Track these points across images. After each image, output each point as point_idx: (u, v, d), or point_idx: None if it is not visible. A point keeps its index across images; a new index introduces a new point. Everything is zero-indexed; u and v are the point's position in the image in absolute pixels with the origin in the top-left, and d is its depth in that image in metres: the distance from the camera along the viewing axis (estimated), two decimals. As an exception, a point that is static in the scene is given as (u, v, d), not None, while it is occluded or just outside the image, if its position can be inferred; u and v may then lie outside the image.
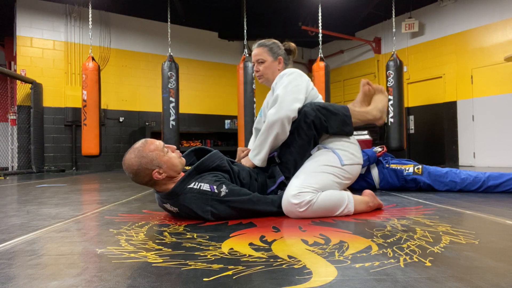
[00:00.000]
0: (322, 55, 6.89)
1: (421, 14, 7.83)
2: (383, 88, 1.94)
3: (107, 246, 1.18)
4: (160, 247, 1.15)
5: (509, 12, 6.42)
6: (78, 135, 7.19)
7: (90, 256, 1.07)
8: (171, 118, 6.38)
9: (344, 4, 7.37)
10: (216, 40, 8.99)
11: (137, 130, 8.08)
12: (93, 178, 4.97)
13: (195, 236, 1.30)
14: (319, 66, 6.85)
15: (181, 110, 6.93)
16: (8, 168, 7.11)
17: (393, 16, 7.00)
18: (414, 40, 8.02)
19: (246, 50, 6.42)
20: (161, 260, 1.01)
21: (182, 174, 1.66)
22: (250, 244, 1.17)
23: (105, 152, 7.57)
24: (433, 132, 7.71)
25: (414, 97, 8.11)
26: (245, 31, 6.81)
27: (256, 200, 1.63)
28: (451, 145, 7.31)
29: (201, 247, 1.14)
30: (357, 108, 1.94)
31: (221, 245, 1.16)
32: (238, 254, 1.06)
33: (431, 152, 7.76)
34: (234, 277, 0.86)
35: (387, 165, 2.71)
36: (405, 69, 7.80)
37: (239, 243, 1.19)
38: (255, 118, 2.42)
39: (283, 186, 1.76)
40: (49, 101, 7.21)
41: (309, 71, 10.54)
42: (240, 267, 0.93)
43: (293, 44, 2.17)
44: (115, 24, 7.98)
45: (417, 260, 0.97)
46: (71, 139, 7.39)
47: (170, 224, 1.55)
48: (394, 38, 7.14)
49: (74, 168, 7.35)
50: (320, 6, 6.75)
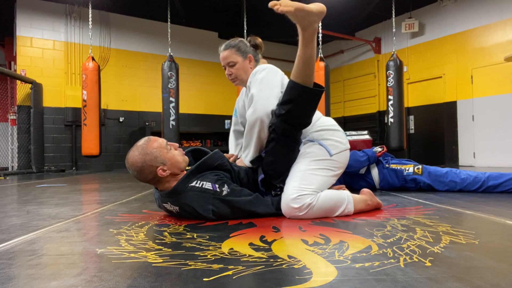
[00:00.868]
0: (322, 55, 6.89)
1: (421, 14, 7.83)
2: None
3: (107, 246, 1.18)
4: (160, 247, 1.15)
5: (509, 12, 6.42)
6: (78, 135, 7.19)
7: (90, 256, 1.07)
8: (171, 118, 6.39)
9: (344, 4, 7.37)
10: (216, 40, 8.98)
11: (137, 130, 8.07)
12: (93, 178, 4.97)
13: (195, 236, 1.30)
14: (319, 66, 6.84)
15: (181, 110, 6.93)
16: (8, 168, 7.11)
17: (393, 16, 7.00)
18: (414, 40, 8.02)
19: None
20: (161, 260, 1.01)
21: (184, 173, 1.66)
22: (250, 244, 1.17)
23: (105, 152, 7.57)
24: (433, 132, 7.71)
25: (414, 97, 8.11)
26: (245, 31, 6.81)
27: (256, 202, 1.63)
28: (451, 145, 7.31)
29: (201, 247, 1.14)
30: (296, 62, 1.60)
31: (221, 245, 1.16)
32: (238, 254, 1.06)
33: (431, 152, 7.76)
34: (234, 277, 0.86)
35: (387, 165, 2.71)
36: (405, 69, 7.80)
37: (239, 243, 1.19)
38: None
39: (276, 189, 1.75)
40: (49, 101, 7.21)
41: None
42: (240, 267, 0.93)
43: (259, 39, 2.08)
44: (115, 24, 7.98)
45: (417, 260, 0.97)
46: (71, 139, 7.39)
47: (170, 224, 1.55)
48: (394, 38, 7.14)
49: (74, 168, 7.35)
50: (320, 6, 6.74)
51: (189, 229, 1.43)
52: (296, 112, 1.61)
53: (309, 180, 1.64)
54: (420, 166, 2.65)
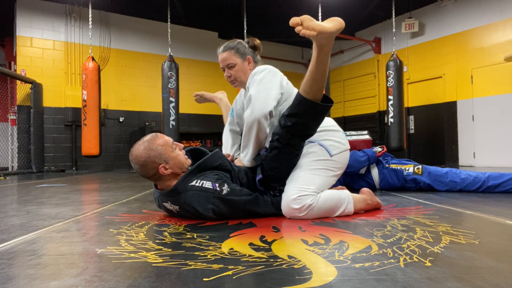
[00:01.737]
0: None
1: (421, 14, 7.83)
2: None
3: (107, 246, 1.18)
4: (160, 247, 1.15)
5: (509, 12, 6.42)
6: (78, 135, 7.19)
7: (90, 256, 1.07)
8: (171, 118, 6.39)
9: (344, 4, 7.37)
10: (216, 40, 8.98)
11: (137, 130, 8.07)
12: (93, 178, 4.97)
13: (195, 236, 1.30)
14: (319, 66, 6.84)
15: (181, 110, 6.93)
16: (8, 168, 7.11)
17: (393, 16, 7.00)
18: (414, 40, 8.02)
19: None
20: (161, 260, 1.01)
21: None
22: (250, 244, 1.17)
23: (105, 152, 7.57)
24: (433, 132, 7.71)
25: (414, 97, 8.11)
26: (245, 31, 6.81)
27: (256, 202, 1.64)
28: (451, 145, 7.31)
29: (201, 247, 1.14)
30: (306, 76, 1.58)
31: (221, 245, 1.16)
32: (238, 254, 1.06)
33: (431, 152, 7.76)
34: (234, 277, 0.86)
35: (387, 165, 2.71)
36: (405, 69, 7.80)
37: (239, 243, 1.19)
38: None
39: (276, 190, 1.75)
40: (49, 101, 7.21)
41: (309, 71, 10.55)
42: (240, 267, 0.93)
43: (257, 40, 2.07)
44: (115, 24, 7.98)
45: (417, 260, 0.97)
46: (71, 139, 7.39)
47: (170, 224, 1.55)
48: (394, 38, 7.14)
49: (74, 168, 7.35)
50: (320, 6, 6.75)
51: (189, 229, 1.43)
52: (302, 126, 1.60)
53: (310, 181, 1.64)
54: (420, 166, 2.65)
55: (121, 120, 7.93)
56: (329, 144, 1.76)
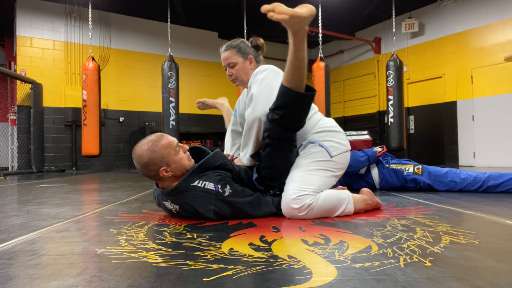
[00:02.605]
0: (322, 55, 6.89)
1: (421, 14, 7.83)
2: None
3: (107, 246, 1.18)
4: (160, 247, 1.15)
5: (509, 12, 6.42)
6: (78, 135, 7.19)
7: (90, 256, 1.07)
8: (171, 118, 6.39)
9: (344, 4, 7.37)
10: (216, 40, 8.98)
11: (137, 130, 8.07)
12: (93, 178, 4.97)
13: (195, 236, 1.30)
14: (319, 66, 6.86)
15: (181, 110, 6.93)
16: (8, 168, 7.11)
17: (393, 16, 7.00)
18: (414, 40, 8.02)
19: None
20: (161, 260, 1.01)
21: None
22: (250, 244, 1.17)
23: (105, 152, 7.57)
24: (433, 132, 7.71)
25: (414, 97, 8.11)
26: (245, 31, 6.81)
27: (257, 202, 1.64)
28: (451, 145, 7.31)
29: (201, 247, 1.14)
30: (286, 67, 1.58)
31: (221, 245, 1.16)
32: (238, 254, 1.06)
33: (431, 152, 7.76)
34: (234, 277, 0.86)
35: (387, 165, 2.71)
36: (405, 69, 7.80)
37: (239, 243, 1.19)
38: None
39: (275, 188, 1.75)
40: (49, 101, 7.21)
41: (309, 71, 10.54)
42: (240, 267, 0.93)
43: (261, 39, 2.07)
44: (115, 24, 7.98)
45: (417, 260, 0.97)
46: (71, 139, 7.39)
47: (170, 224, 1.55)
48: (394, 38, 7.14)
49: (74, 168, 7.35)
50: (320, 6, 6.74)
51: (189, 229, 1.43)
52: (290, 117, 1.60)
53: (310, 181, 1.64)
54: (420, 166, 2.65)
55: (121, 120, 7.93)
56: (330, 145, 1.76)
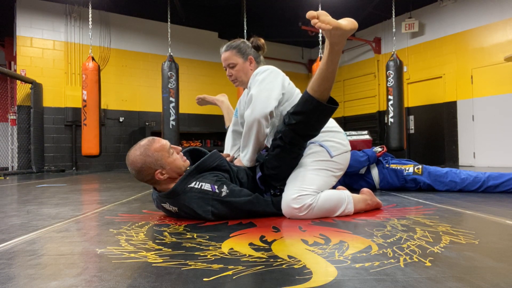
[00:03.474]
0: (322, 55, 6.87)
1: (421, 14, 7.83)
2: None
3: (107, 246, 1.18)
4: (160, 247, 1.15)
5: (509, 12, 6.42)
6: (78, 135, 7.19)
7: (90, 256, 1.07)
8: (171, 118, 6.39)
9: (344, 4, 7.37)
10: (216, 40, 8.98)
11: (137, 130, 8.07)
12: (93, 178, 4.97)
13: (195, 236, 1.30)
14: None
15: (181, 110, 6.93)
16: (8, 168, 7.11)
17: (393, 16, 7.00)
18: (414, 40, 8.02)
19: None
20: (161, 260, 1.01)
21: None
22: (250, 244, 1.17)
23: (105, 152, 7.57)
24: (433, 132, 7.71)
25: (414, 97, 8.11)
26: (245, 31, 6.81)
27: (256, 202, 1.64)
28: (451, 145, 7.31)
29: (201, 247, 1.14)
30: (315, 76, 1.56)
31: (221, 245, 1.16)
32: (238, 254, 1.06)
33: (431, 152, 7.76)
34: (234, 277, 0.86)
35: (387, 165, 2.71)
36: (405, 69, 7.80)
37: (239, 243, 1.19)
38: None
39: (276, 189, 1.75)
40: (49, 101, 7.21)
41: (309, 71, 10.55)
42: (240, 267, 0.93)
43: (262, 40, 2.05)
44: (115, 24, 7.98)
45: (417, 260, 0.97)
46: (71, 139, 7.39)
47: (170, 224, 1.55)
48: (394, 38, 7.13)
49: (74, 168, 7.35)
50: (320, 6, 6.74)
51: (189, 229, 1.43)
52: (306, 125, 1.59)
53: (310, 181, 1.64)
54: (420, 166, 2.65)
55: (121, 120, 7.93)
56: (330, 145, 1.76)
